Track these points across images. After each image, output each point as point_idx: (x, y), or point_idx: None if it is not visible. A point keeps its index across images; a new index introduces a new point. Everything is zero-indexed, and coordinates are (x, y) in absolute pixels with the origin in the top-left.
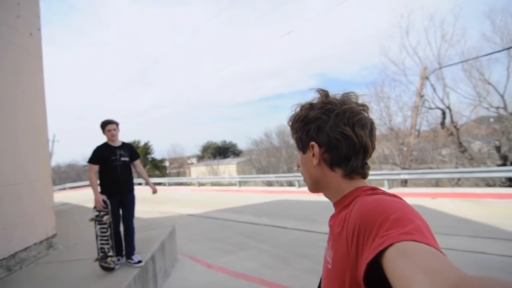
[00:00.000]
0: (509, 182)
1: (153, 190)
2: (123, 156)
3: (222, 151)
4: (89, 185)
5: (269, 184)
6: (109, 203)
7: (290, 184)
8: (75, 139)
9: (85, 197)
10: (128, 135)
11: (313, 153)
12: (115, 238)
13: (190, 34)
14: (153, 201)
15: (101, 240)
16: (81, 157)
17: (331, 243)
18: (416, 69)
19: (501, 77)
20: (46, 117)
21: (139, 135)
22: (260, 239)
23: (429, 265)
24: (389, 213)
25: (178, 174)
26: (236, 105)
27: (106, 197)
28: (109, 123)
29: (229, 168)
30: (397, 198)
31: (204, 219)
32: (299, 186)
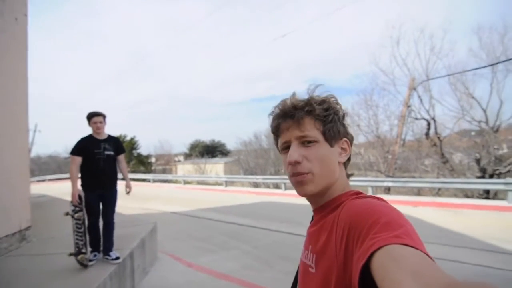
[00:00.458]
0: (486, 194)
1: (128, 189)
2: (107, 149)
3: (210, 150)
4: (69, 178)
5: (256, 185)
6: (83, 200)
7: (276, 186)
8: (59, 130)
9: (65, 189)
10: (115, 129)
11: (343, 147)
12: (93, 232)
13: (184, 30)
14: (136, 197)
15: (76, 236)
16: (63, 149)
17: (311, 247)
18: (404, 79)
19: (485, 92)
20: (27, 104)
21: (126, 129)
22: (243, 240)
23: (418, 269)
24: (379, 216)
25: (164, 171)
26: (227, 104)
27: (88, 191)
28: (95, 115)
29: (216, 167)
30: (385, 202)
31: (187, 217)
32: (285, 188)
